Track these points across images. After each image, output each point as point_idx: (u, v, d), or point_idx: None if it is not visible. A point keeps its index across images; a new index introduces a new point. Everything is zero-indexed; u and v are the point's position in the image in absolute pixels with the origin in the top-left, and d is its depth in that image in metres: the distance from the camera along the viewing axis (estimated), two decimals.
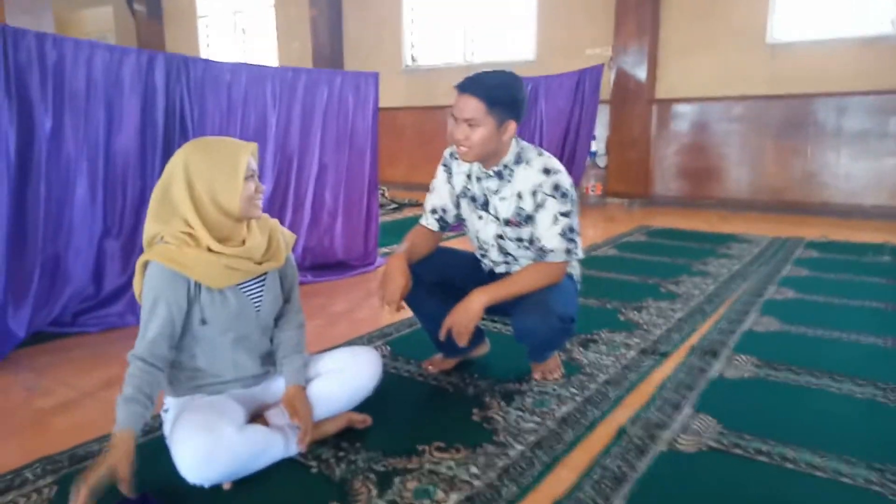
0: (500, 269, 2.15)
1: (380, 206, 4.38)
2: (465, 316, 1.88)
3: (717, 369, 2.25)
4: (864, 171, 5.43)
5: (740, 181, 6.04)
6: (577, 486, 1.53)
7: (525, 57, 7.03)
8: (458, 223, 2.19)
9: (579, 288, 2.22)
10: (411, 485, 1.54)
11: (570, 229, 1.94)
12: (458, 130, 1.90)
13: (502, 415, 1.90)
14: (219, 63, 3.03)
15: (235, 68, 3.08)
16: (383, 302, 1.93)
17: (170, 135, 2.83)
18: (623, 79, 6.25)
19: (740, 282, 3.43)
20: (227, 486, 1.50)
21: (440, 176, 2.15)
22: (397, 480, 1.55)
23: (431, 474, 1.58)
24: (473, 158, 1.95)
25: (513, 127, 1.91)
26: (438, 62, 7.87)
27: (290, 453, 1.64)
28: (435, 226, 2.15)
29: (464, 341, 1.89)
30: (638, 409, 1.94)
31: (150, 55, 2.75)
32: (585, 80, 5.90)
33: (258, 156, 3.18)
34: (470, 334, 1.89)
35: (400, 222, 5.52)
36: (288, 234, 1.75)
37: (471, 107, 1.86)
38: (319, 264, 3.69)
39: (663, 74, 6.24)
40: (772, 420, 1.88)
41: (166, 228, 1.53)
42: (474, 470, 1.60)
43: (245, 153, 1.56)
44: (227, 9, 9.86)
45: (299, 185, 3.53)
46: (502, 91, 1.87)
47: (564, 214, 1.93)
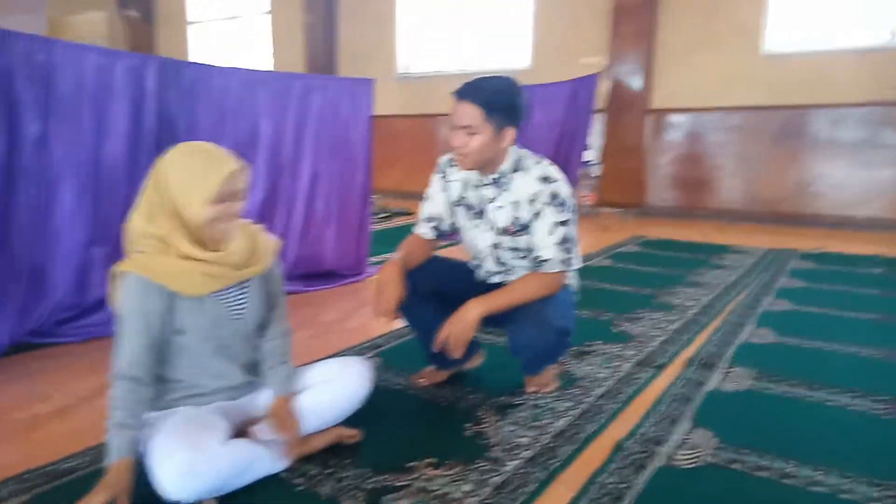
0: (495, 278, 2.11)
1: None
2: (461, 326, 1.83)
3: (714, 382, 2.21)
4: (858, 183, 5.43)
5: (735, 192, 6.03)
6: None
7: (520, 65, 7.02)
8: (454, 232, 2.16)
9: (576, 299, 2.18)
10: (402, 503, 1.49)
11: (567, 239, 1.91)
12: (456, 138, 1.86)
13: (496, 429, 1.86)
14: (211, 67, 2.98)
15: (228, 73, 3.04)
16: (377, 312, 1.89)
17: (159, 141, 2.76)
18: (618, 88, 6.25)
19: (736, 293, 3.40)
20: (210, 503, 1.45)
21: (436, 184, 2.11)
22: (388, 499, 1.50)
23: (423, 492, 1.53)
24: (472, 166, 1.91)
25: (511, 134, 1.87)
26: (433, 70, 7.85)
27: (276, 469, 1.58)
28: (430, 234, 2.11)
29: (459, 353, 1.85)
30: (635, 424, 1.90)
31: (141, 58, 2.70)
32: (581, 89, 5.89)
33: (253, 164, 3.18)
34: (465, 346, 1.85)
35: (390, 231, 5.48)
36: (272, 241, 1.71)
37: (468, 114, 1.82)
38: (310, 273, 3.64)
39: (659, 84, 6.24)
40: (770, 434, 1.84)
41: (147, 228, 1.49)
42: (467, 487, 1.55)
43: (219, 174, 1.47)
44: (221, 15, 9.83)
45: (291, 193, 3.48)
46: (500, 97, 1.84)
47: (562, 223, 1.89)
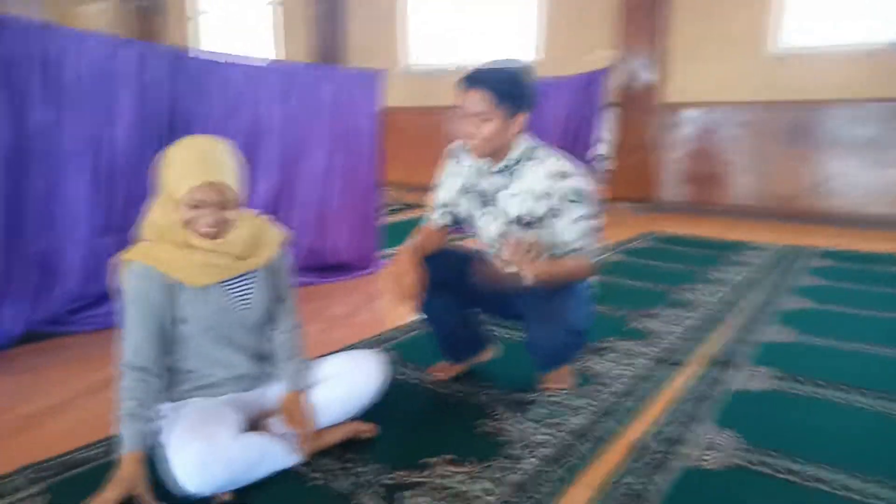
0: (511, 267, 2.05)
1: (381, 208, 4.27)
2: (518, 262, 1.76)
3: (734, 381, 2.16)
4: (872, 180, 5.35)
5: (747, 188, 5.95)
6: None
7: (528, 59, 6.95)
8: (467, 219, 2.11)
9: (595, 292, 2.12)
10: (420, 500, 1.45)
11: (592, 230, 1.88)
12: (467, 125, 1.82)
13: (513, 426, 1.81)
14: (219, 56, 2.94)
15: (236, 63, 2.99)
16: (399, 298, 1.81)
17: (167, 130, 2.72)
18: (630, 82, 6.17)
19: (753, 290, 3.34)
20: (226, 497, 1.41)
21: (448, 168, 2.06)
22: (405, 495, 1.46)
23: (441, 489, 1.49)
24: (482, 153, 1.87)
25: (523, 120, 1.83)
26: (440, 63, 7.78)
27: (290, 463, 1.54)
28: (442, 221, 2.06)
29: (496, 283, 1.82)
30: (655, 423, 1.85)
31: (148, 47, 2.66)
32: (592, 83, 5.81)
33: (261, 155, 3.13)
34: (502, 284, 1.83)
35: (400, 224, 5.43)
36: (280, 232, 1.67)
37: (478, 101, 1.77)
38: (318, 266, 3.59)
39: (670, 78, 6.16)
40: (798, 436, 1.79)
41: (155, 215, 1.50)
42: (486, 485, 1.51)
43: (186, 182, 1.42)
44: (227, 6, 9.77)
45: (299, 185, 3.44)
46: (510, 83, 1.79)
47: (585, 217, 1.86)
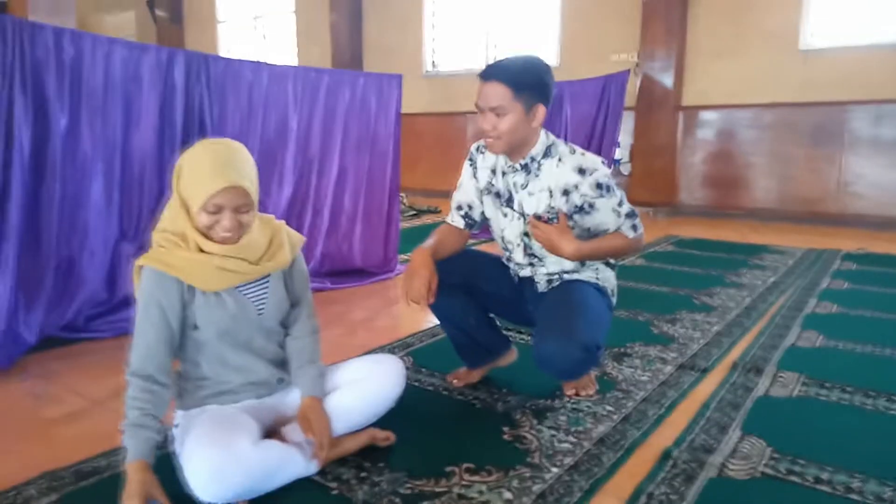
0: (524, 272, 2.02)
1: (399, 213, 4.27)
2: (550, 240, 1.80)
3: (762, 387, 2.10)
4: None
5: (770, 191, 5.86)
6: None
7: (548, 62, 6.90)
8: (485, 222, 2.08)
9: (614, 302, 2.08)
10: None
11: (630, 213, 1.88)
12: (485, 120, 1.79)
13: (535, 434, 1.78)
14: (240, 62, 2.95)
15: (257, 67, 3.00)
16: (410, 297, 1.79)
17: (189, 135, 2.74)
18: (649, 85, 6.12)
19: (777, 294, 3.27)
20: None
21: (466, 171, 2.04)
22: None
23: (462, 499, 1.46)
24: (503, 149, 1.83)
25: (542, 112, 1.80)
26: (459, 68, 7.77)
27: (309, 472, 1.52)
28: (461, 223, 2.04)
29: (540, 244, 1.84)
30: (681, 431, 1.80)
31: (169, 52, 2.67)
32: (610, 86, 5.76)
33: (281, 160, 3.14)
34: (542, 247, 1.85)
35: (419, 229, 5.42)
36: (295, 236, 1.65)
37: (497, 94, 1.75)
38: (338, 270, 3.59)
39: (690, 81, 6.09)
40: (826, 443, 1.73)
41: (170, 220, 1.48)
42: (508, 495, 1.48)
43: (208, 187, 1.39)
44: (248, 14, 9.87)
45: (319, 189, 3.44)
46: (528, 74, 1.77)
47: (619, 205, 1.85)
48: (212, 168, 1.41)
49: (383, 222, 3.79)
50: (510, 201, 1.94)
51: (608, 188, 1.82)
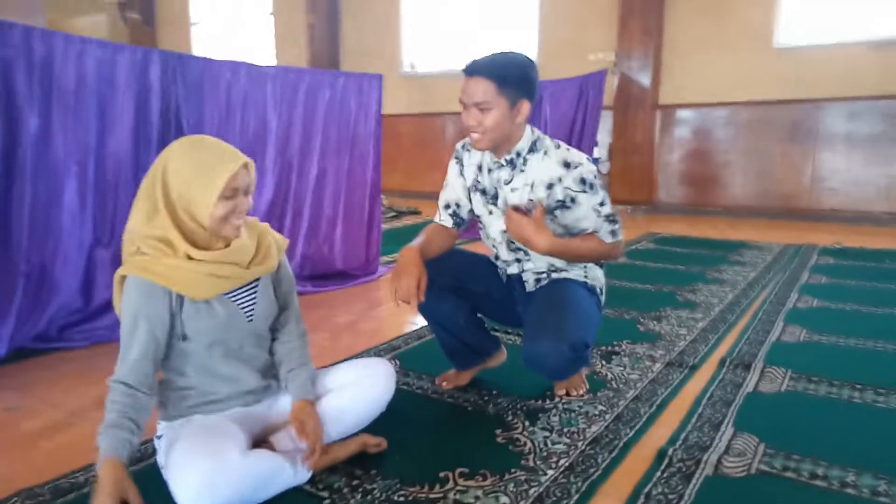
0: (512, 269, 2.00)
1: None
2: (522, 233, 1.74)
3: (751, 383, 2.10)
4: (875, 178, 5.32)
5: (746, 187, 5.93)
6: None
7: None
8: (473, 220, 2.06)
9: (603, 300, 2.07)
10: None
11: (610, 215, 1.84)
12: (469, 116, 1.77)
13: (528, 436, 1.75)
14: (217, 62, 2.88)
15: (235, 67, 2.94)
16: (396, 297, 1.75)
17: (165, 136, 2.67)
18: (626, 84, 6.15)
19: (759, 290, 3.30)
20: None
21: (452, 169, 2.02)
22: None
23: None
24: (487, 145, 1.81)
25: (526, 107, 1.78)
26: (437, 69, 7.75)
27: (299, 482, 1.48)
28: (449, 221, 2.01)
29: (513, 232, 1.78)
30: (675, 429, 1.79)
31: (144, 52, 2.60)
32: (589, 86, 5.77)
33: (261, 161, 3.08)
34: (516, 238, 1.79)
35: (399, 230, 5.38)
36: (280, 239, 1.61)
37: (481, 89, 1.72)
38: (319, 273, 3.53)
39: (667, 79, 6.14)
40: (819, 439, 1.73)
41: (147, 228, 1.39)
42: (505, 499, 1.45)
43: (227, 169, 1.37)
44: (223, 16, 9.72)
45: (299, 191, 3.38)
46: (513, 69, 1.74)
47: (601, 204, 1.82)
48: (218, 154, 1.39)
49: (364, 224, 3.74)
50: (496, 198, 1.92)
51: (591, 185, 1.80)
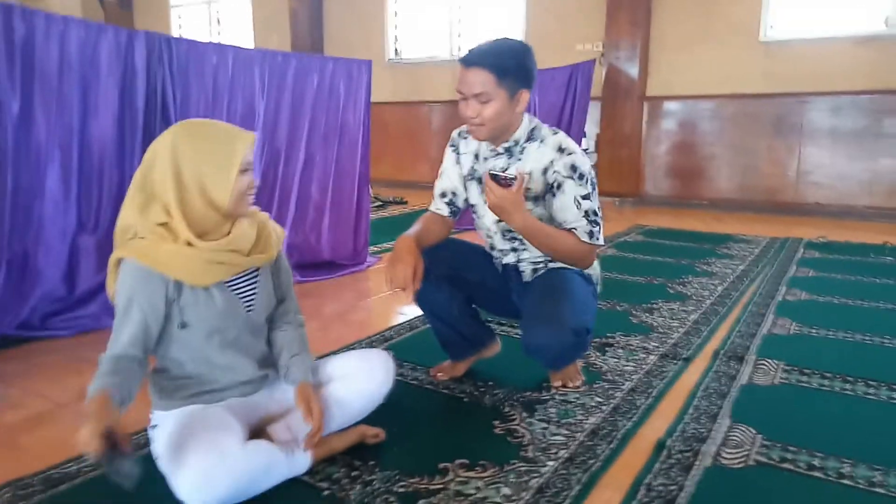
0: (508, 258, 1.99)
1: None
2: (502, 203, 1.67)
3: (745, 375, 2.11)
4: (859, 172, 5.38)
5: (732, 181, 5.96)
6: None
7: None
8: (468, 208, 2.03)
9: (599, 290, 2.07)
10: None
11: (593, 213, 1.80)
12: (468, 108, 1.74)
13: (526, 427, 1.74)
14: (203, 44, 2.81)
15: (222, 50, 2.87)
16: (394, 284, 1.70)
17: (150, 121, 2.60)
18: (614, 75, 6.14)
19: (748, 282, 3.31)
20: None
21: (448, 158, 1.99)
22: (421, 503, 1.38)
23: (459, 496, 1.41)
24: (487, 136, 1.79)
25: (525, 97, 1.76)
26: (423, 56, 7.68)
27: (297, 472, 1.45)
28: (445, 210, 1.98)
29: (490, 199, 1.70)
30: (672, 420, 1.79)
31: (129, 33, 2.52)
32: (577, 76, 5.75)
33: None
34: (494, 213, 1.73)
35: (385, 220, 5.33)
36: (279, 229, 1.58)
37: (480, 80, 1.70)
38: (306, 263, 3.48)
39: (655, 71, 6.14)
40: (815, 430, 1.74)
41: (141, 219, 1.35)
42: (506, 490, 1.43)
43: (243, 143, 1.39)
44: (202, 0, 9.54)
45: (286, 178, 3.32)
46: (511, 59, 1.72)
47: (585, 197, 1.78)
48: (226, 131, 1.40)
49: (353, 214, 3.70)
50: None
51: (582, 175, 1.78)
